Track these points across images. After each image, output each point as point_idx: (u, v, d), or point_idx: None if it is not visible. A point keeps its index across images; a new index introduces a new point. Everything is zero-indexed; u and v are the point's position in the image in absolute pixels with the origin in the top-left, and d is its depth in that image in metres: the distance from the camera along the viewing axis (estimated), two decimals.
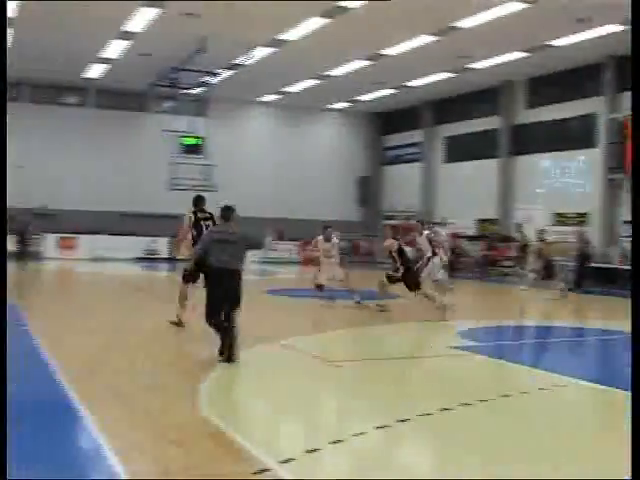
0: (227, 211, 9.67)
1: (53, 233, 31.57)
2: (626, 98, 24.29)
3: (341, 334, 12.79)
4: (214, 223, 12.06)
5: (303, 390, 8.07)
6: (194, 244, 11.52)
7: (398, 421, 6.52)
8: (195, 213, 12.47)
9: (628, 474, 4.43)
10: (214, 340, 9.14)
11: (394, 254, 14.88)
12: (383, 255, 18.63)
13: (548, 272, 20.51)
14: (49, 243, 31.21)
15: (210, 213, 12.54)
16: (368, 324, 13.69)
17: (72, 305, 16.09)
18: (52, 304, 16.24)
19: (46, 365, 8.44)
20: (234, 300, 9.26)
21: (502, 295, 23.32)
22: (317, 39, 24.23)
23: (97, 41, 25.95)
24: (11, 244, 28.86)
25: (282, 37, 24.68)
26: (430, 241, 16.94)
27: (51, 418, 6.48)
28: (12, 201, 30.49)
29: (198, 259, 9.89)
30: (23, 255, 24.93)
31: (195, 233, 12.16)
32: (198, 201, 12.62)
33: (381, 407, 7.35)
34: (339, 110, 38.52)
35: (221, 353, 8.96)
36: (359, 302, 15.74)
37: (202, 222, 12.34)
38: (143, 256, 32.08)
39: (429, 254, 16.48)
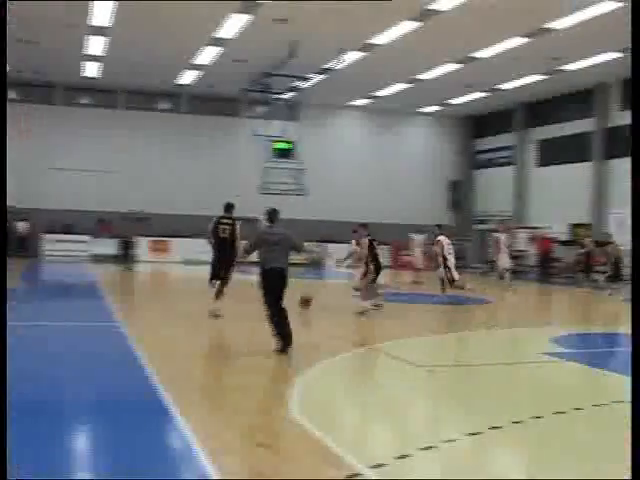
0: (272, 214, 10.22)
1: (146, 237, 32.41)
2: None
3: (435, 339, 12.62)
4: (232, 229, 13.53)
5: (395, 395, 7.98)
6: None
7: (490, 428, 6.38)
8: (219, 218, 13.66)
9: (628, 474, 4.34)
10: (307, 343, 9.15)
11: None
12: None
13: None
14: (142, 246, 32.05)
15: (232, 219, 13.67)
16: (462, 329, 13.50)
17: (166, 307, 16.37)
18: (147, 306, 16.57)
19: (140, 367, 8.58)
20: (279, 296, 9.85)
21: (596, 303, 22.67)
22: (407, 42, 24.09)
23: (190, 48, 26.44)
24: (113, 248, 29.79)
25: (372, 41, 24.64)
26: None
27: (145, 418, 6.58)
28: (112, 206, 31.56)
29: (245, 254, 10.44)
30: (125, 258, 25.65)
31: (213, 239, 13.51)
32: (226, 208, 13.45)
33: (473, 414, 7.19)
34: (430, 114, 38.21)
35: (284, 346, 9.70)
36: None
37: (220, 226, 13.53)
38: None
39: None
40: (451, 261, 17.36)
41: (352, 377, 8.87)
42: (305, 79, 29.06)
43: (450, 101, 34.70)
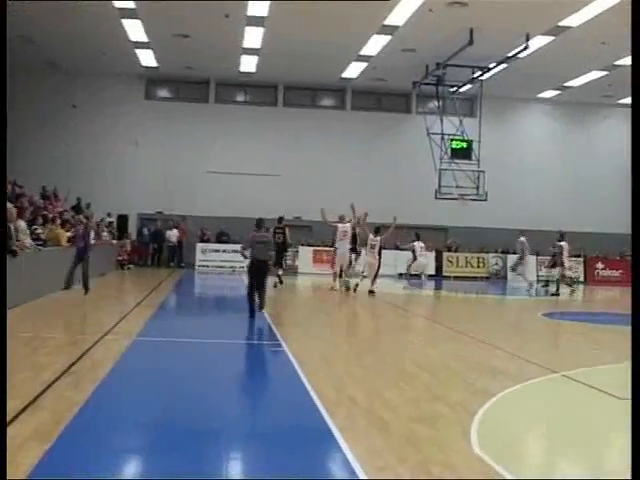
0: (259, 222, 15.75)
1: (308, 246, 32.87)
2: None
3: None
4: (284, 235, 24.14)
5: (588, 429, 7.61)
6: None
7: None
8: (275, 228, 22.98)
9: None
10: (487, 367, 8.89)
11: None
12: None
13: None
14: (303, 256, 32.44)
15: (283, 227, 24.09)
16: None
17: (327, 326, 16.46)
18: (308, 323, 16.73)
19: (304, 390, 8.60)
20: (263, 279, 15.42)
21: None
22: (603, 23, 23.21)
23: (355, 37, 26.62)
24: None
25: (562, 23, 23.95)
26: None
27: (309, 445, 6.56)
28: (271, 213, 32.24)
29: (243, 251, 15.98)
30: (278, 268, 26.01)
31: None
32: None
33: None
34: (630, 105, 36.77)
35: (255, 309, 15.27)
36: None
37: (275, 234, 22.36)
38: (404, 272, 32.30)
39: None
40: None
41: (545, 409, 8.53)
42: (485, 70, 28.66)
43: None
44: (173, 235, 33.09)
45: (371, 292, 22.38)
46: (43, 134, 32.70)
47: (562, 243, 25.88)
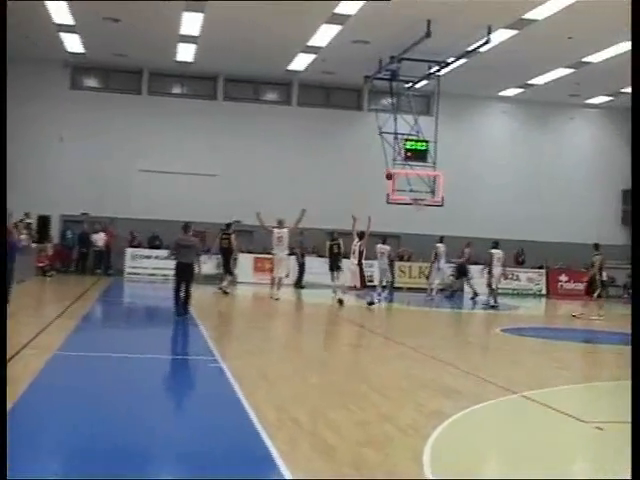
0: (186, 226, 18.22)
1: (248, 253, 32.65)
2: None
3: (598, 387, 12.18)
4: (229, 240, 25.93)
5: (553, 456, 7.69)
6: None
7: None
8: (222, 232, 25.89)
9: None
10: (441, 386, 8.95)
11: None
12: None
13: None
14: (243, 264, 32.10)
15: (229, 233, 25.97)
16: (627, 378, 12.96)
17: (269, 341, 16.44)
18: (247, 337, 16.69)
19: (242, 408, 8.58)
20: (189, 280, 17.74)
21: None
22: (571, 17, 23.57)
23: (303, 26, 26.66)
24: (210, 265, 30.02)
25: (527, 16, 24.24)
26: None
27: (247, 470, 6.54)
28: (208, 216, 31.82)
29: (172, 255, 18.41)
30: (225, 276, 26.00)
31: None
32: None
33: None
34: (598, 106, 37.32)
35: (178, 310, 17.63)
36: None
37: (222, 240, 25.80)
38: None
39: None
40: None
41: (502, 432, 8.61)
42: (442, 64, 28.88)
43: (624, 90, 33.78)
44: (100, 239, 32.67)
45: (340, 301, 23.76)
46: None
47: (493, 251, 26.21)
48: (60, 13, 26.25)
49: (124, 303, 25.61)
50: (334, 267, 25.29)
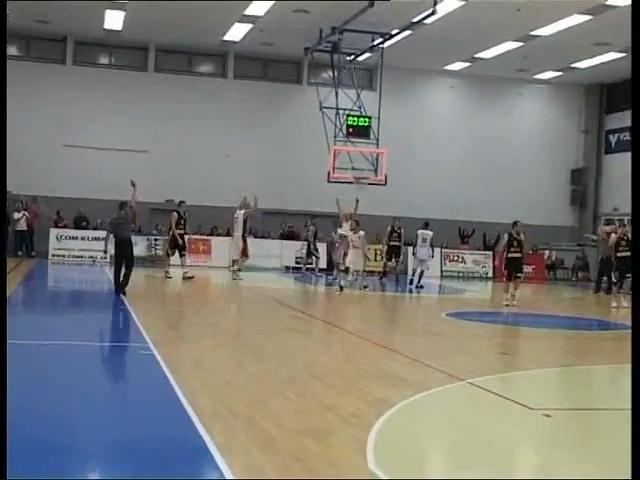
0: (122, 204, 19.73)
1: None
2: None
3: (544, 374, 12.36)
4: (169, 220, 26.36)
5: (501, 445, 7.80)
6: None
7: None
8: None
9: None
10: (385, 373, 9.01)
11: None
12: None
13: None
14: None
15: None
16: (573, 363, 13.20)
17: (206, 326, 16.41)
18: (182, 323, 16.64)
19: (176, 398, 8.55)
20: (127, 256, 18.98)
21: None
22: None
23: None
24: (141, 248, 29.74)
25: None
26: None
27: (181, 463, 6.52)
28: (138, 195, 31.62)
29: (109, 232, 19.81)
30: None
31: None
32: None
33: (598, 471, 6.98)
34: (547, 81, 37.71)
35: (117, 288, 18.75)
36: None
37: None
38: (295, 265, 32.42)
39: None
40: None
41: (448, 420, 8.70)
42: (386, 36, 28.91)
43: (575, 65, 34.19)
44: (22, 218, 32.22)
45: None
46: None
47: (420, 231, 26.64)
48: None
49: (49, 286, 25.35)
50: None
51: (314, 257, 31.17)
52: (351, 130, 30.07)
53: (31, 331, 13.70)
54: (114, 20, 30.48)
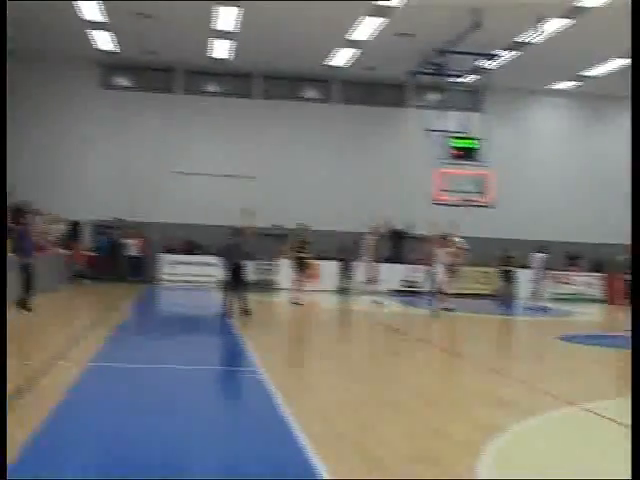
0: (235, 230, 20.07)
1: (285, 258, 32.36)
2: None
3: None
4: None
5: (615, 470, 7.56)
6: None
7: None
8: None
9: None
10: (495, 397, 8.87)
11: None
12: None
13: None
14: (284, 271, 31.71)
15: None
16: None
17: (313, 349, 16.42)
18: (290, 348, 16.69)
19: (286, 422, 8.54)
20: (242, 281, 19.77)
21: None
22: (628, 2, 23.34)
23: (344, 20, 26.63)
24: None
25: (582, 4, 24.05)
26: None
27: None
28: (246, 220, 31.86)
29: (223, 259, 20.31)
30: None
31: None
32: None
33: None
34: None
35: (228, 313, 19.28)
36: None
37: None
38: (401, 288, 32.21)
39: None
40: None
41: (563, 447, 8.48)
42: (492, 57, 28.70)
43: None
44: (133, 245, 32.87)
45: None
46: None
47: (534, 255, 26.49)
48: (90, 9, 26.44)
49: (161, 311, 25.71)
50: None
51: (427, 279, 30.87)
52: (456, 152, 29.87)
53: (145, 355, 13.91)
54: (221, 49, 30.89)
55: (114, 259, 33.01)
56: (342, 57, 31.54)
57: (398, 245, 33.67)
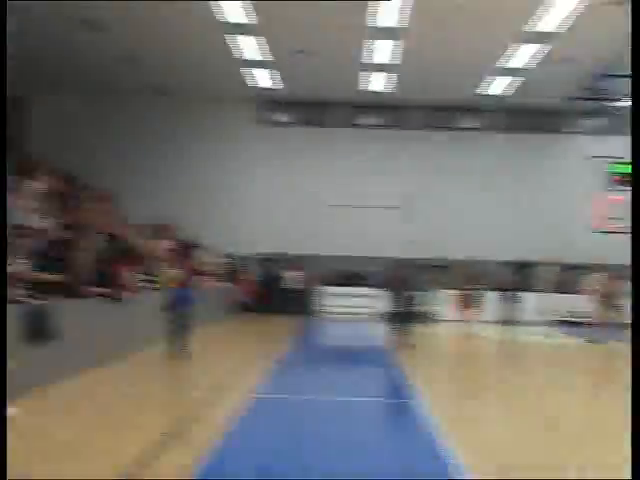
0: (397, 263, 18.66)
1: (447, 289, 32.08)
2: None
3: None
4: None
5: None
6: None
7: None
8: None
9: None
10: None
11: None
12: None
13: None
14: (443, 301, 31.37)
15: None
16: None
17: (477, 379, 16.25)
18: (453, 380, 16.55)
19: (448, 455, 8.47)
20: (410, 312, 20.44)
21: None
22: None
23: (498, 48, 26.50)
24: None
25: None
26: None
27: None
28: (399, 252, 31.78)
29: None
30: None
31: None
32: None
33: None
34: None
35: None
36: None
37: None
38: (562, 318, 31.49)
39: None
40: None
41: None
42: None
43: None
44: (293, 277, 33.35)
45: None
46: (147, 164, 33.94)
47: None
48: (247, 48, 27.02)
49: (324, 343, 25.81)
50: None
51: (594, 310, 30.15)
52: (618, 178, 29.07)
53: (309, 386, 14.04)
54: (376, 81, 30.95)
55: (275, 292, 33.46)
56: (496, 85, 31.17)
57: (561, 275, 33.00)
